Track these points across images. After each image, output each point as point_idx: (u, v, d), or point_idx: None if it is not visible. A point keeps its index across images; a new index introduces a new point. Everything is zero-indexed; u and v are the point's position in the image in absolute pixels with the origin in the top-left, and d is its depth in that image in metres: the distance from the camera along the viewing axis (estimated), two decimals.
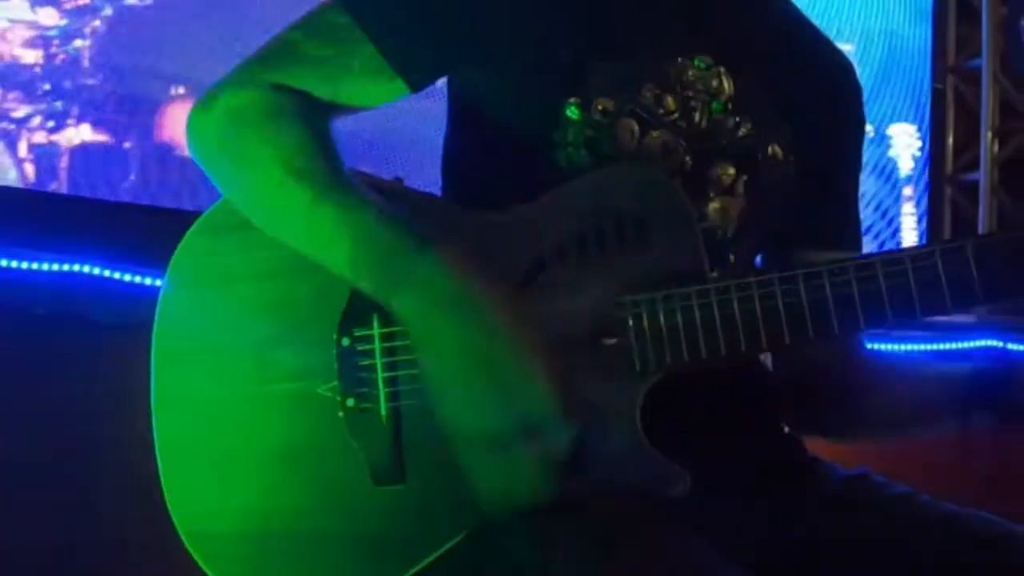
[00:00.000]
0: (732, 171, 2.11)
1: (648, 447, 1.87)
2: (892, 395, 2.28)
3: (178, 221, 2.10)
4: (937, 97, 7.77)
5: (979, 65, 7.64)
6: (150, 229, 4.04)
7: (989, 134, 7.59)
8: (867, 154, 2.48)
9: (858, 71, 2.44)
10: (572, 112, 2.04)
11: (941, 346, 5.74)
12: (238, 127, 1.98)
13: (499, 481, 1.78)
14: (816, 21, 2.40)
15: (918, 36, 7.68)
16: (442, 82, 2.17)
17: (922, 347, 5.53)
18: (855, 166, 2.44)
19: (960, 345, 5.89)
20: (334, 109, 2.04)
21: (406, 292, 1.82)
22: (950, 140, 7.82)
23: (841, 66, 2.41)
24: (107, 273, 4.20)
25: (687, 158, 2.08)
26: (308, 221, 1.90)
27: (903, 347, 5.27)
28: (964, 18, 7.78)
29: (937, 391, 2.23)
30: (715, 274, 1.94)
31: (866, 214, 6.51)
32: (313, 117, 1.99)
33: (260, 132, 1.97)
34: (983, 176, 7.59)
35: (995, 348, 5.96)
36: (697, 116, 2.09)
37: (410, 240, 1.85)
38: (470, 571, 1.90)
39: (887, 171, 7.42)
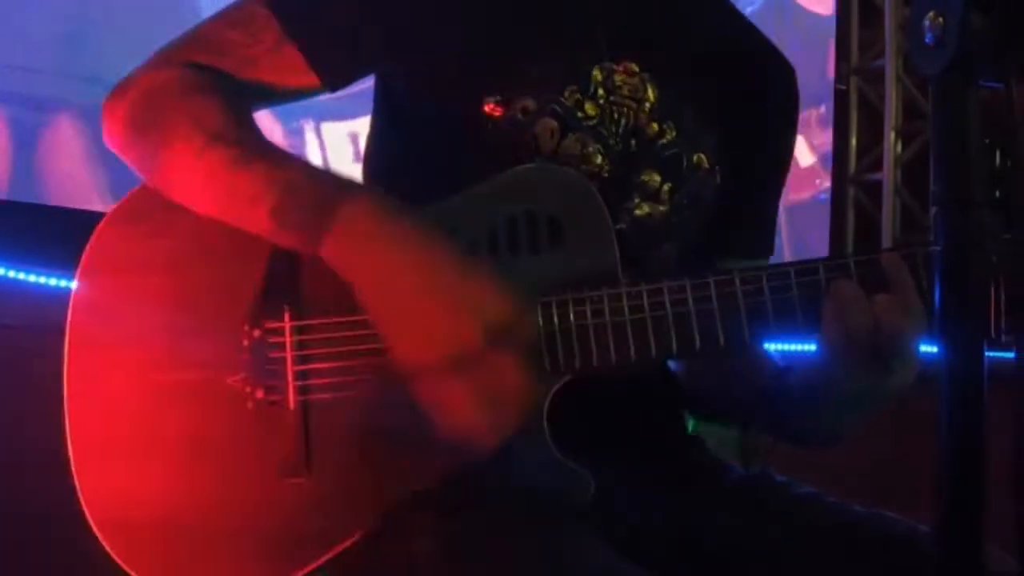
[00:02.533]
0: (657, 178, 2.12)
1: (553, 450, 1.88)
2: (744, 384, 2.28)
3: (82, 220, 2.12)
4: (841, 97, 7.79)
5: (883, 65, 7.68)
6: (57, 229, 3.99)
7: (892, 134, 7.64)
8: None
9: None
10: (493, 111, 2.04)
11: None
12: (156, 102, 2.00)
13: (471, 405, 1.78)
14: None
15: None
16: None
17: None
18: (781, 174, 2.44)
19: None
20: (252, 97, 2.05)
21: (337, 234, 1.83)
22: (853, 140, 7.85)
23: (779, 74, 2.40)
24: (11, 274, 4.20)
25: (605, 163, 2.09)
26: (231, 183, 1.90)
27: None
28: (867, 19, 7.81)
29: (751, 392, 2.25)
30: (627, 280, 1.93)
31: None
32: (230, 92, 2.00)
33: (179, 104, 1.97)
34: (886, 176, 7.64)
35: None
36: (621, 122, 2.10)
37: (335, 187, 1.87)
38: (369, 569, 1.89)
39: None
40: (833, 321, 1.84)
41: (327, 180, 1.89)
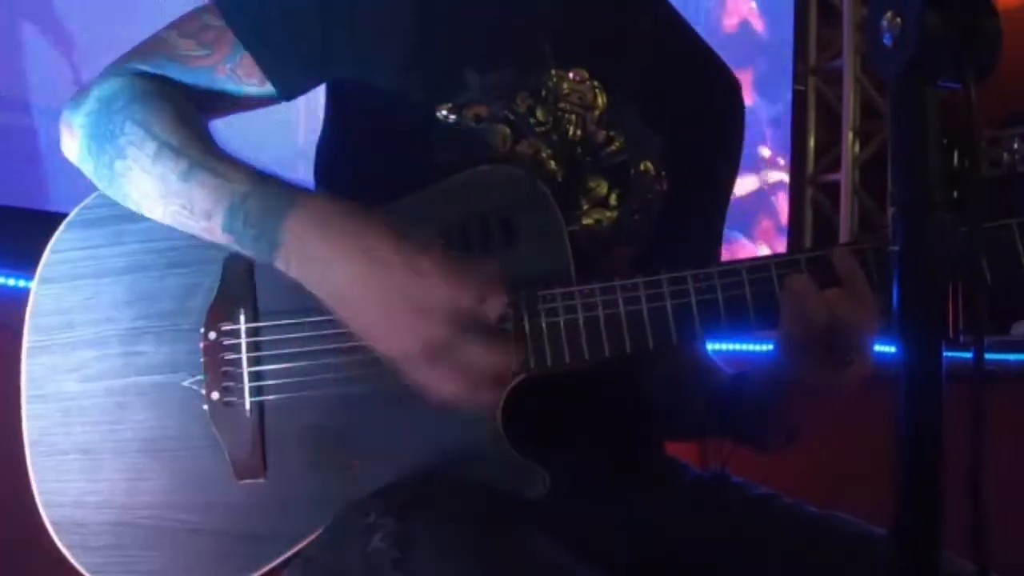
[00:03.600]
0: (605, 184, 2.13)
1: (508, 447, 1.89)
2: (701, 400, 2.31)
3: (43, 221, 2.12)
4: (799, 98, 7.81)
5: (840, 66, 7.70)
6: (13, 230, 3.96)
7: (850, 135, 7.65)
8: None
9: None
10: (446, 118, 2.05)
11: None
12: (110, 112, 1.99)
13: (458, 385, 1.78)
14: None
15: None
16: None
17: None
18: (728, 182, 2.46)
19: None
20: (206, 106, 2.05)
21: (289, 244, 1.83)
22: (811, 141, 7.87)
23: (723, 82, 2.42)
24: None
25: (557, 168, 2.10)
26: (185, 192, 1.90)
27: None
28: (825, 19, 7.84)
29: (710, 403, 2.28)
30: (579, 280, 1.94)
31: None
32: (182, 100, 2.01)
33: (131, 112, 1.97)
34: (844, 177, 7.65)
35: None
36: (570, 129, 2.11)
37: (285, 196, 1.86)
38: (325, 568, 1.90)
39: None
40: (790, 315, 1.87)
41: (278, 189, 1.88)
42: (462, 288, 1.77)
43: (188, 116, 1.98)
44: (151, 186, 1.93)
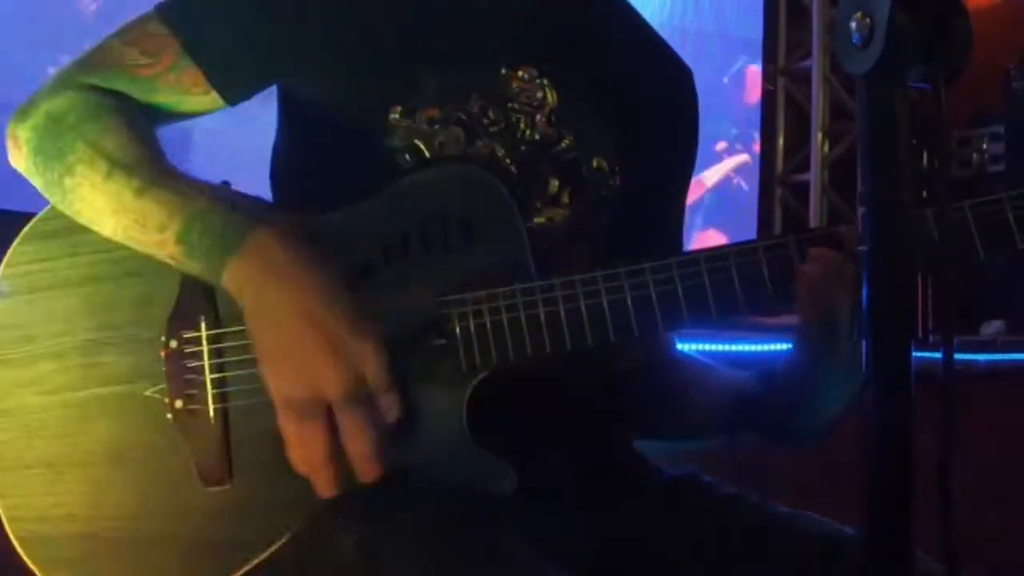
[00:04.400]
0: (556, 182, 2.13)
1: (474, 445, 1.90)
2: (699, 403, 2.31)
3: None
4: (768, 98, 7.83)
5: (810, 66, 7.72)
6: None
7: (820, 134, 7.67)
8: None
9: None
10: (399, 119, 2.05)
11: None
12: (59, 130, 1.98)
13: (321, 447, 1.80)
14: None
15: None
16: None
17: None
18: (685, 176, 2.46)
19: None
20: (153, 114, 2.05)
21: (237, 264, 1.84)
22: (780, 141, 7.88)
23: (677, 77, 2.41)
24: None
25: (512, 168, 2.09)
26: (137, 211, 1.90)
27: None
28: (795, 19, 7.85)
29: (719, 401, 2.27)
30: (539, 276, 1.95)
31: None
32: (133, 115, 2.00)
33: (82, 131, 1.96)
34: (813, 176, 7.67)
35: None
36: (520, 127, 2.11)
37: (239, 218, 1.87)
38: (294, 572, 1.90)
39: None
40: (807, 295, 1.89)
41: (225, 209, 1.89)
42: (382, 367, 1.80)
43: (142, 134, 1.98)
44: (103, 202, 1.93)
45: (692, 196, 2.55)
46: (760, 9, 7.81)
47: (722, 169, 7.66)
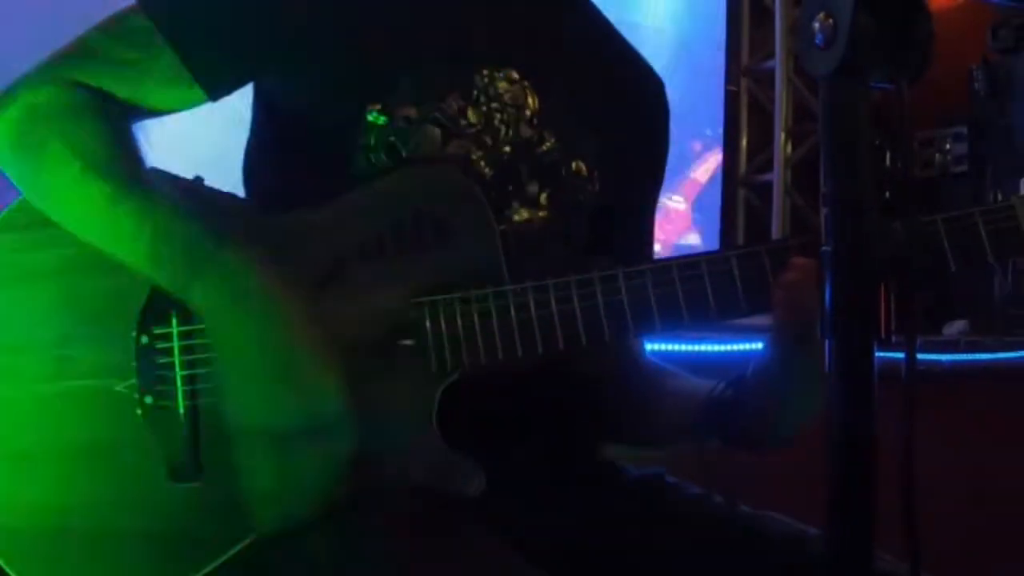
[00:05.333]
0: (536, 184, 2.13)
1: (444, 446, 1.89)
2: (666, 410, 2.28)
3: None
4: (731, 99, 7.84)
5: (773, 67, 7.73)
6: None
7: (783, 135, 7.68)
8: None
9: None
10: (375, 117, 2.05)
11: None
12: (36, 124, 1.96)
13: (275, 482, 1.82)
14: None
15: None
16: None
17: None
18: (658, 180, 2.46)
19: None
20: (134, 110, 2.03)
21: (203, 286, 1.84)
22: (744, 141, 7.90)
23: (649, 83, 2.43)
24: None
25: (488, 169, 2.09)
26: (107, 217, 1.89)
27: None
28: (757, 20, 7.86)
29: (686, 408, 2.23)
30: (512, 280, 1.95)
31: None
32: (113, 115, 1.99)
33: (58, 128, 1.95)
34: (776, 177, 7.68)
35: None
36: (501, 129, 2.11)
37: (208, 237, 1.86)
38: (264, 569, 1.90)
39: None
40: (785, 299, 1.88)
41: (195, 226, 1.88)
42: (340, 407, 1.81)
43: (118, 132, 1.97)
44: (74, 204, 1.93)
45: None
46: (723, 10, 7.81)
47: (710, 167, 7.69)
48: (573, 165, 2.17)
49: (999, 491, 4.82)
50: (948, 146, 6.74)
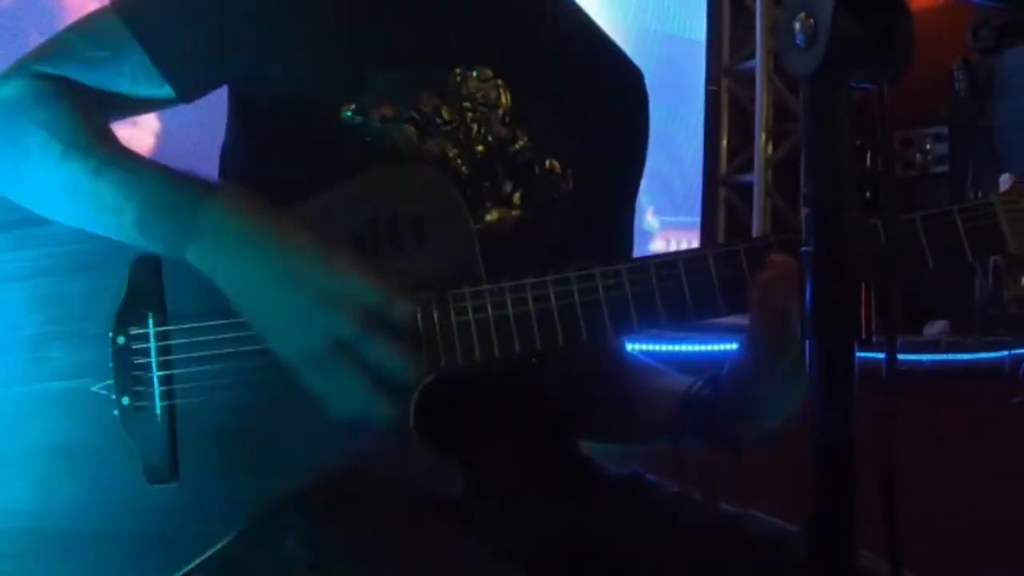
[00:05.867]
0: (509, 183, 2.14)
1: (421, 446, 1.89)
2: (645, 407, 2.28)
3: None
4: (711, 99, 7.83)
5: (753, 67, 7.73)
6: None
7: (763, 135, 7.67)
8: None
9: None
10: (351, 117, 2.05)
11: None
12: (12, 115, 1.99)
13: (360, 386, 1.82)
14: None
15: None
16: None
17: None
18: (636, 176, 2.46)
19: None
20: (107, 108, 2.05)
21: (201, 238, 1.85)
22: (724, 141, 7.89)
23: (627, 76, 2.43)
24: None
25: (464, 168, 2.10)
26: (93, 191, 1.91)
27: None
28: (738, 20, 7.86)
29: (664, 405, 2.23)
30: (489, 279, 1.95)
31: None
32: (85, 101, 2.00)
33: (35, 116, 1.97)
34: (757, 177, 7.67)
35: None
36: (475, 128, 2.12)
37: (197, 190, 1.88)
38: (241, 570, 1.90)
39: None
40: (761, 299, 1.88)
41: (188, 184, 1.90)
42: (373, 285, 1.81)
43: (92, 117, 1.99)
44: (59, 186, 1.93)
45: None
46: (704, 9, 7.81)
47: None
48: (547, 163, 2.18)
49: (979, 490, 4.83)
50: (928, 146, 6.73)
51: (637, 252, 2.38)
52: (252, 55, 2.06)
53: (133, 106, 2.09)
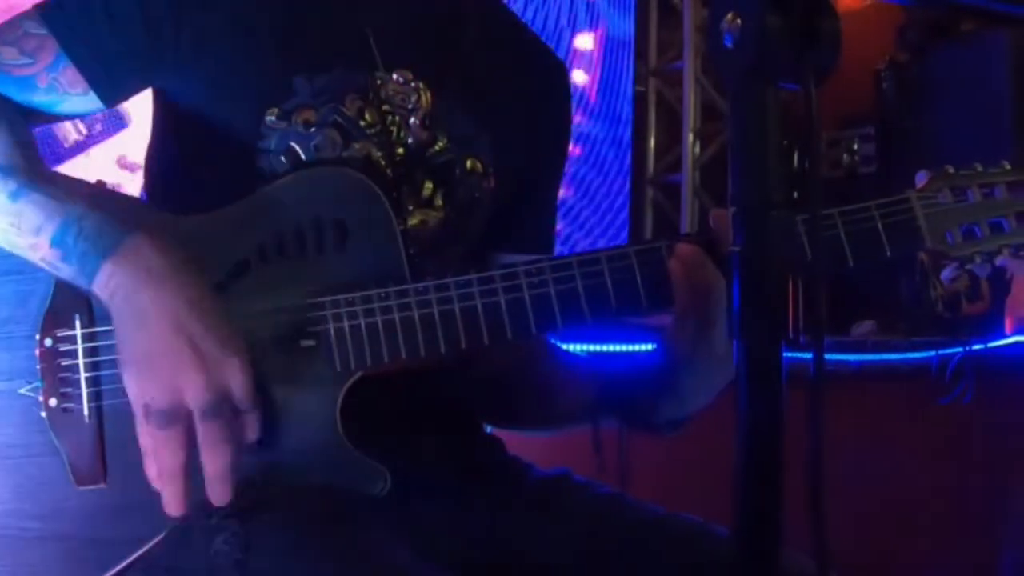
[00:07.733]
0: (430, 185, 2.15)
1: (348, 446, 1.91)
2: (567, 392, 2.30)
3: None
4: (639, 99, 7.84)
5: (681, 67, 7.75)
6: None
7: (691, 136, 7.70)
8: None
9: None
10: (274, 121, 2.05)
11: None
12: None
13: (177, 459, 1.79)
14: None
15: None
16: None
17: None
18: (558, 171, 2.48)
19: None
20: (31, 115, 2.04)
21: (111, 268, 1.82)
22: (651, 142, 7.91)
23: (550, 69, 2.45)
24: None
25: (388, 171, 2.10)
26: (13, 213, 1.89)
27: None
28: (665, 20, 7.88)
29: (589, 390, 2.27)
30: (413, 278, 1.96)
31: None
32: (11, 118, 1.99)
33: None
34: (685, 177, 7.69)
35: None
36: (395, 131, 2.12)
37: (115, 222, 1.86)
38: (169, 571, 1.90)
39: None
40: (681, 285, 1.91)
41: (102, 214, 1.87)
42: (246, 368, 1.79)
43: (18, 137, 1.98)
44: None
45: None
46: (631, 9, 7.81)
47: None
48: (468, 164, 2.18)
49: (905, 490, 4.87)
50: (856, 146, 6.77)
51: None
52: (176, 59, 2.05)
53: (57, 110, 2.07)
